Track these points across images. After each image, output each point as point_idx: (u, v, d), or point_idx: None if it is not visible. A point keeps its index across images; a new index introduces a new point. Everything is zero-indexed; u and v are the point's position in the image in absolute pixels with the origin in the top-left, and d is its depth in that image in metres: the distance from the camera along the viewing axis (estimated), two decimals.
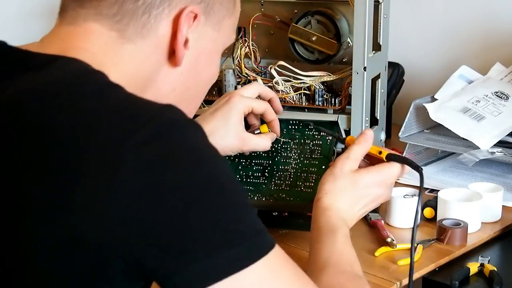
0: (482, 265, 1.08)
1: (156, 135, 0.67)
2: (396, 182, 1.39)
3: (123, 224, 0.65)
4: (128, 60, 0.79)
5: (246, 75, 1.38)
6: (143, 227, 0.65)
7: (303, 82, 1.34)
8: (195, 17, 0.80)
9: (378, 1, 1.34)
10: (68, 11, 0.80)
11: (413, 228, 0.98)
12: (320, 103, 1.34)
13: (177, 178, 0.67)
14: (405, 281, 1.06)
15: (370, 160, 1.05)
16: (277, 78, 1.35)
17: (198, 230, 0.67)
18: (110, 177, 0.65)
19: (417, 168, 1.01)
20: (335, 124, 1.28)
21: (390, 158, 1.03)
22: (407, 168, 1.04)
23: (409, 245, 1.14)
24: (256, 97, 1.19)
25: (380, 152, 1.04)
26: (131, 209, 0.65)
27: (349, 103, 1.32)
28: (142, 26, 0.78)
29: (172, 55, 0.81)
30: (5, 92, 0.72)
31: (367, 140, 1.05)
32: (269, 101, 1.21)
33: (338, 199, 0.99)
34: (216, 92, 1.43)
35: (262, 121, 1.20)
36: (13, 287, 0.70)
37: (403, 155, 1.04)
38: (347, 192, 0.99)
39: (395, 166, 1.03)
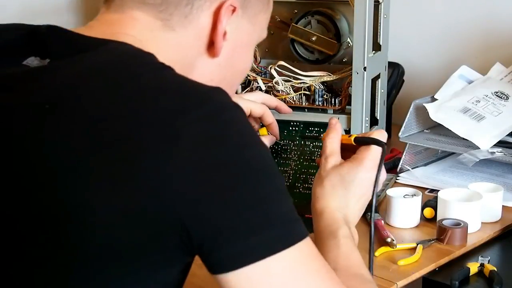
0: (482, 265, 1.08)
1: (209, 114, 0.70)
2: (395, 182, 1.40)
3: (177, 196, 0.68)
4: (171, 48, 0.82)
5: (246, 75, 1.38)
6: (195, 200, 0.69)
7: (303, 82, 1.34)
8: (234, 10, 0.84)
9: (378, 1, 1.34)
10: (114, 0, 0.83)
11: (372, 196, 0.96)
12: (320, 103, 1.34)
13: (227, 155, 0.70)
14: (405, 281, 1.06)
15: (348, 148, 1.03)
16: (277, 78, 1.35)
17: (244, 206, 0.70)
18: (167, 150, 0.68)
19: (379, 143, 0.99)
20: None
21: (357, 140, 1.02)
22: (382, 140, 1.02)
23: (409, 245, 1.14)
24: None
25: (350, 136, 1.03)
26: (185, 182, 0.68)
27: (349, 103, 1.32)
28: (185, 16, 0.82)
29: (211, 46, 0.85)
30: (63, 71, 0.75)
31: (334, 129, 1.04)
32: (276, 108, 1.21)
33: (330, 199, 0.98)
34: None
35: (262, 125, 1.19)
36: (68, 261, 0.71)
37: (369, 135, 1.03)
38: (337, 189, 0.98)
39: (373, 147, 1.00)
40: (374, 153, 0.99)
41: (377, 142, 0.99)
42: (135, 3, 0.82)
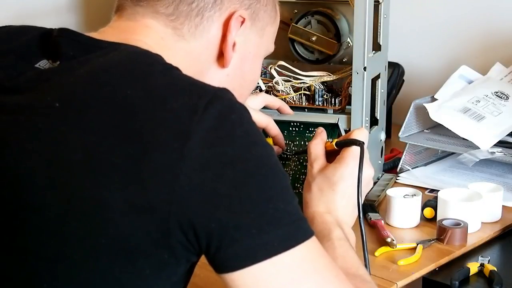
0: (482, 265, 1.08)
1: (219, 113, 0.72)
2: (395, 182, 1.40)
3: (186, 194, 0.69)
4: (181, 57, 0.84)
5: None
6: (202, 198, 0.69)
7: (303, 82, 1.34)
8: (243, 21, 0.87)
9: (378, 1, 1.34)
10: (126, 9, 0.85)
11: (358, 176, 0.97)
12: (320, 103, 1.34)
13: (236, 154, 0.71)
14: (405, 281, 1.06)
15: (334, 153, 1.03)
16: (277, 78, 1.35)
17: (252, 205, 0.71)
18: (177, 148, 0.69)
19: (357, 143, 0.99)
20: (335, 126, 1.28)
21: (338, 144, 1.02)
22: (365, 140, 1.02)
23: (409, 245, 1.14)
24: (264, 106, 1.18)
25: (332, 141, 1.04)
26: (194, 180, 0.69)
27: (349, 103, 1.32)
28: (195, 26, 0.84)
29: (220, 57, 0.87)
30: (74, 71, 0.76)
31: (318, 135, 1.05)
32: (278, 109, 1.21)
33: (319, 203, 0.98)
34: None
35: (266, 135, 1.18)
36: (76, 257, 0.72)
37: (348, 137, 1.04)
38: (325, 192, 0.98)
39: (354, 148, 1.00)
40: (355, 152, 1.00)
41: (355, 142, 1.00)
42: (147, 11, 0.84)
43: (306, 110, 1.35)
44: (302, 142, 1.24)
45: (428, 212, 1.24)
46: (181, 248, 0.72)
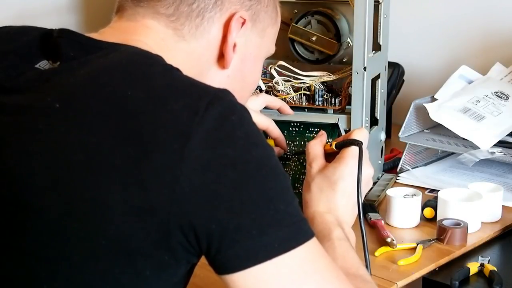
0: (482, 265, 1.08)
1: (219, 115, 0.72)
2: (395, 182, 1.40)
3: (186, 195, 0.69)
4: (181, 58, 0.84)
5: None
6: (203, 199, 0.69)
7: (303, 82, 1.34)
8: (243, 23, 0.87)
9: (378, 1, 1.34)
10: (127, 10, 0.85)
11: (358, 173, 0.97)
12: (320, 103, 1.34)
13: (236, 155, 0.71)
14: (405, 281, 1.06)
15: (334, 155, 1.03)
16: (277, 78, 1.35)
17: (253, 206, 0.71)
18: (178, 149, 0.69)
19: (355, 143, 0.99)
20: (335, 126, 1.28)
21: (337, 146, 1.02)
22: (365, 140, 1.02)
23: (409, 245, 1.14)
24: (264, 107, 1.18)
25: (331, 144, 1.04)
26: (194, 181, 0.69)
27: (349, 103, 1.32)
28: (196, 27, 0.84)
29: (221, 58, 0.87)
30: (74, 71, 0.76)
31: (317, 136, 1.06)
32: (279, 109, 1.21)
33: (319, 203, 0.98)
34: None
35: (267, 137, 1.17)
36: (76, 258, 0.72)
37: (348, 138, 1.03)
38: (325, 192, 0.98)
39: (353, 148, 1.00)
40: (354, 152, 0.99)
41: (353, 142, 1.00)
42: (148, 12, 0.84)
43: (306, 110, 1.35)
44: (302, 142, 1.24)
45: (428, 212, 1.24)
46: (181, 249, 0.71)
